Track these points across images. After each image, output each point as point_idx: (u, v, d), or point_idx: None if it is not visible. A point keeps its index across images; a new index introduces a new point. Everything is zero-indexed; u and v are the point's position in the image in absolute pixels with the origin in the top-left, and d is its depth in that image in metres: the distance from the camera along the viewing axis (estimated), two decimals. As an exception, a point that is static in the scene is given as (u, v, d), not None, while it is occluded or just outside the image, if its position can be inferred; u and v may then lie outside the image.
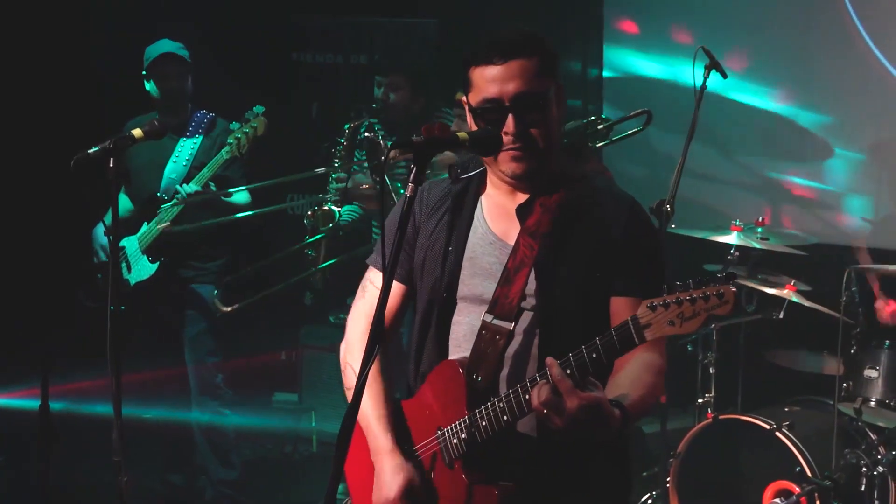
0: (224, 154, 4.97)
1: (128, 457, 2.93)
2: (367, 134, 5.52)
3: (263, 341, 6.80)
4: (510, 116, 2.43)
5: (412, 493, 2.50)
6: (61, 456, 3.41)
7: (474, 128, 2.49)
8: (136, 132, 3.19)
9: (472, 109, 2.50)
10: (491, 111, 2.45)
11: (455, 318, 2.56)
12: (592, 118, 5.30)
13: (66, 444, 3.41)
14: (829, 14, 6.41)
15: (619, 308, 2.46)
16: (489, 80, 2.45)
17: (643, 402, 2.35)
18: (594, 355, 2.20)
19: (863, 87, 6.39)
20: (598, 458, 2.51)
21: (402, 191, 4.86)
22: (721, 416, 4.92)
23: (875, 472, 4.53)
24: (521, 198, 2.56)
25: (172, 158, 5.22)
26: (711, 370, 5.16)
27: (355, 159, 5.70)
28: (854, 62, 6.39)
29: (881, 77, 6.27)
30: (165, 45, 5.24)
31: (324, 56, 7.57)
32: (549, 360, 2.21)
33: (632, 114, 5.10)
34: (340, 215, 5.59)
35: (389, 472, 2.52)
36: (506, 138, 2.45)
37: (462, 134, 2.42)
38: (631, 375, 2.36)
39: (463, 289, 2.56)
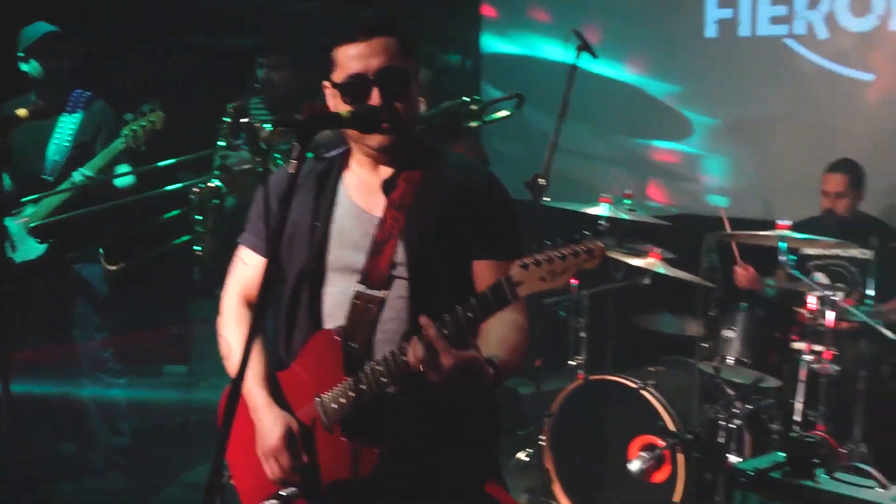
0: (119, 145, 4.89)
1: (18, 430, 2.90)
2: (244, 120, 5.46)
3: (152, 316, 6.74)
4: (375, 90, 2.48)
5: (293, 441, 2.52)
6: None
7: (338, 107, 2.53)
8: (21, 112, 3.12)
9: (336, 86, 2.54)
10: (356, 86, 2.49)
11: (326, 290, 2.58)
12: (466, 99, 5.35)
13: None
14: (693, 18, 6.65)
15: (482, 271, 2.53)
16: (353, 57, 2.49)
17: (512, 360, 2.41)
18: (469, 314, 2.23)
19: (723, 72, 6.64)
20: (469, 418, 2.59)
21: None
22: (592, 377, 5.04)
23: (732, 425, 4.68)
24: (386, 173, 2.61)
25: (54, 139, 5.10)
26: (582, 334, 5.27)
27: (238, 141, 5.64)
28: (718, 49, 6.63)
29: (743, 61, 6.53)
30: (46, 26, 5.13)
31: (210, 38, 7.48)
32: (424, 319, 2.24)
33: (504, 96, 5.17)
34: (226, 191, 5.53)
35: (269, 423, 2.53)
36: None
37: (343, 112, 2.46)
38: (498, 335, 2.42)
39: (332, 261, 2.58)
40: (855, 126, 6.08)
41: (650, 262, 5.01)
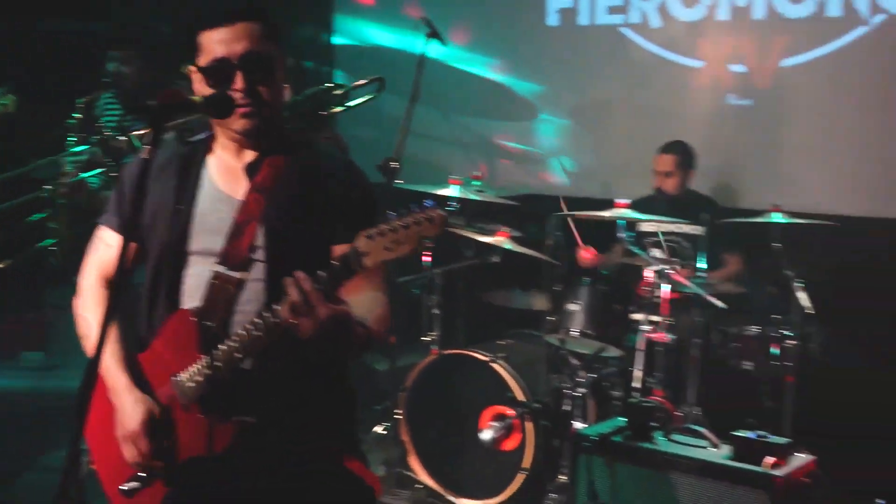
0: None
1: None
2: (113, 140, 5.30)
3: (9, 303, 6.52)
4: (238, 74, 2.46)
5: (153, 425, 2.48)
6: None
7: (204, 92, 2.50)
8: None
9: (201, 70, 2.51)
10: (220, 70, 2.47)
11: (187, 272, 2.55)
12: (329, 85, 5.34)
13: None
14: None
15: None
16: (217, 42, 2.47)
17: (378, 330, 2.42)
18: (318, 286, 2.23)
19: (564, 59, 6.78)
20: (326, 391, 2.60)
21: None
22: (444, 352, 5.10)
23: (577, 394, 4.79)
24: (250, 157, 2.58)
25: None
26: (435, 311, 5.31)
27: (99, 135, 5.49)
28: (559, 37, 6.77)
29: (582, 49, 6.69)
30: None
31: (61, 23, 7.23)
32: (299, 273, 2.23)
33: (366, 80, 5.17)
34: (91, 184, 5.39)
35: (130, 406, 2.49)
36: (235, 95, 2.47)
37: (196, 97, 2.43)
38: (364, 308, 2.42)
39: (193, 244, 2.55)
40: (686, 109, 6.29)
41: (498, 240, 5.08)
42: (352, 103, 5.12)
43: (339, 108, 5.15)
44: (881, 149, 5.63)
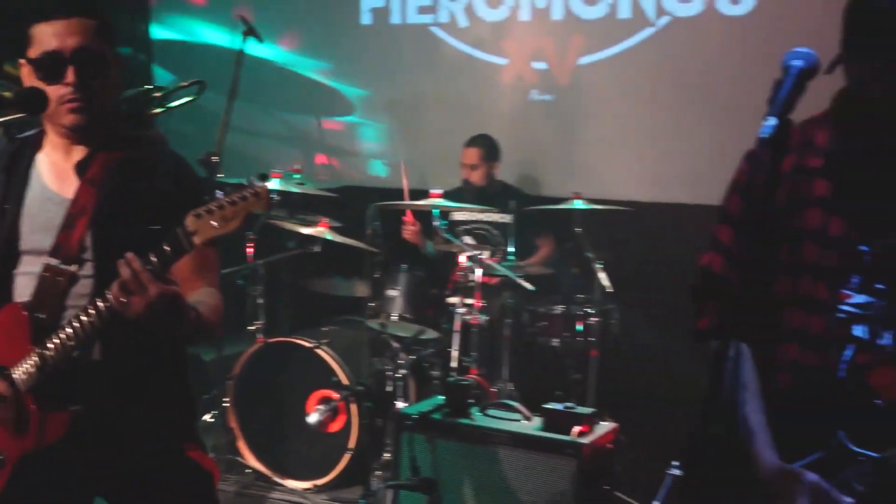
0: None
1: None
2: None
3: None
4: (70, 68, 2.37)
5: None
6: None
7: (34, 85, 2.40)
8: None
9: (31, 62, 2.40)
10: (51, 63, 2.37)
11: (18, 270, 2.46)
12: (150, 87, 5.18)
13: None
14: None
15: None
16: (51, 35, 2.37)
17: (210, 318, 2.37)
18: (148, 266, 2.18)
19: (380, 57, 6.79)
20: (161, 378, 2.54)
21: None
22: (270, 340, 5.06)
23: (398, 375, 4.83)
24: (80, 154, 2.49)
25: None
26: (260, 301, 5.26)
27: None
28: (373, 36, 6.77)
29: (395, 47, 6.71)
30: None
31: None
32: (129, 254, 2.17)
33: (186, 83, 5.04)
34: None
35: None
36: (66, 90, 2.37)
37: (6, 93, 2.33)
38: (199, 296, 2.39)
39: (24, 243, 2.45)
40: (492, 105, 6.40)
41: (320, 230, 5.06)
42: (172, 104, 4.99)
43: (159, 110, 5.01)
44: (669, 140, 5.87)
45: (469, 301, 4.91)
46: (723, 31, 5.73)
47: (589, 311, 5.14)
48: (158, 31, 7.47)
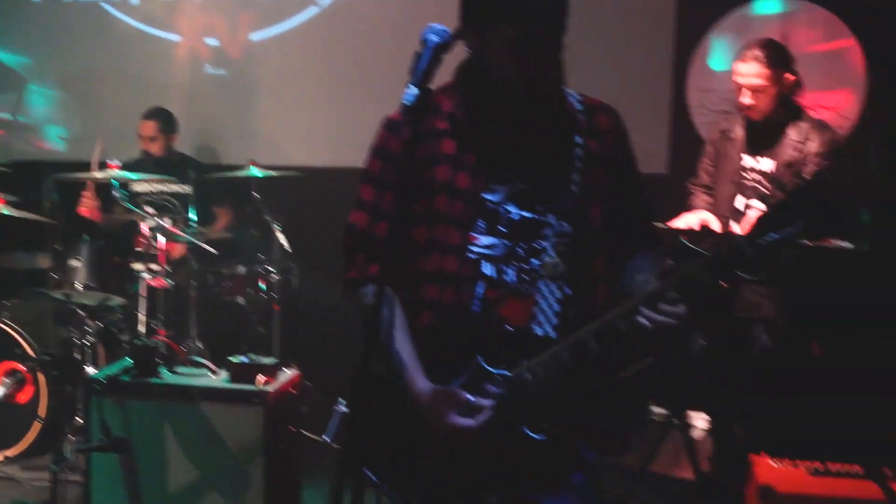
0: None
1: None
2: None
3: None
4: None
5: None
6: None
7: None
8: None
9: None
10: None
11: None
12: None
13: None
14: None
15: None
16: None
17: None
18: None
19: (51, 33, 6.36)
20: None
21: None
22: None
23: (87, 342, 4.64)
24: None
25: None
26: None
27: None
28: (44, 13, 6.32)
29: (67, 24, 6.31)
30: None
31: None
32: None
33: None
34: None
35: None
36: None
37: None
38: None
39: None
40: (168, 79, 6.18)
41: (-6, 206, 4.73)
42: None
43: None
44: (336, 110, 5.96)
45: (154, 267, 4.78)
46: (378, 9, 5.88)
47: (270, 269, 5.15)
48: None
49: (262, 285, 5.16)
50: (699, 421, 5.31)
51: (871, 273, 3.68)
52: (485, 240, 2.10)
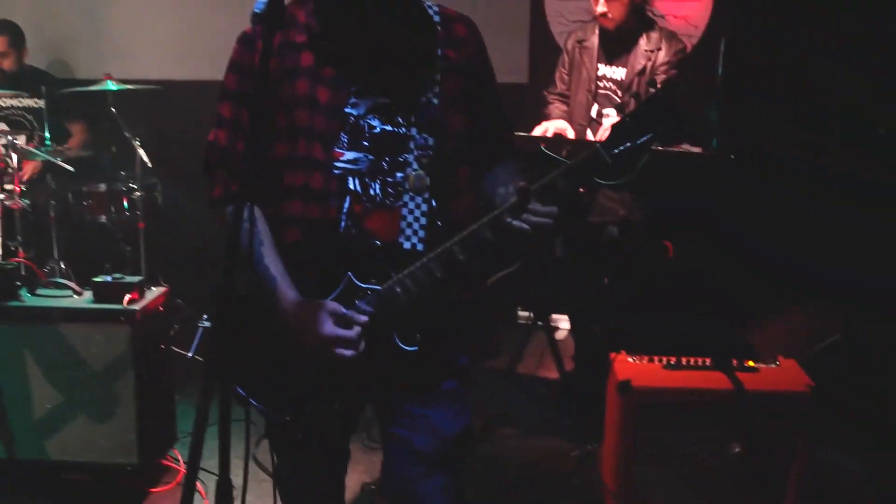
0: None
1: None
2: None
3: None
4: None
5: None
6: None
7: None
8: None
9: None
10: None
11: None
12: None
13: None
14: None
15: None
16: None
17: None
18: None
19: None
20: None
21: None
22: None
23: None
24: None
25: None
26: None
27: None
28: None
29: None
30: None
31: None
32: None
33: None
34: None
35: None
36: None
37: None
38: None
39: None
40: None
41: None
42: None
43: None
44: (196, 21, 5.67)
45: (8, 187, 4.47)
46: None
47: (132, 186, 4.90)
48: None
49: (125, 203, 4.91)
50: (562, 323, 5.44)
51: (717, 178, 3.76)
52: (349, 154, 2.02)
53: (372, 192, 2.02)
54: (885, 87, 4.41)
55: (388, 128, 2.03)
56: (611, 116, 4.10)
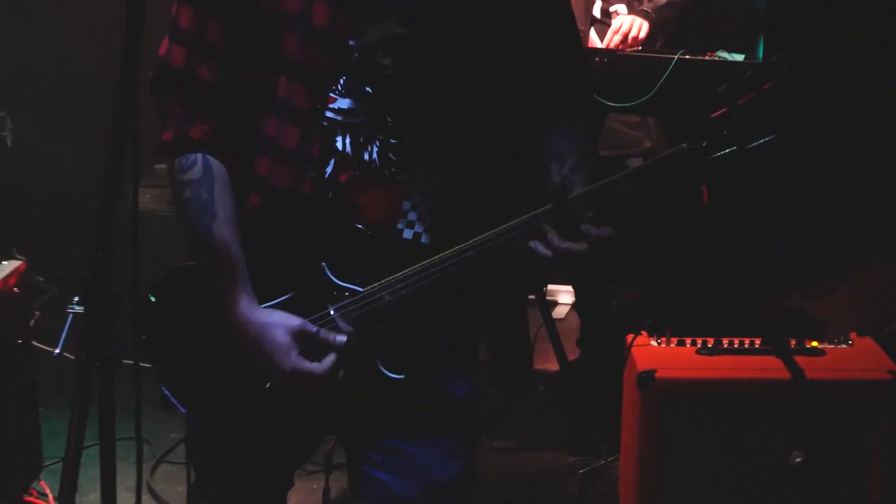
0: None
1: None
2: None
3: None
4: None
5: None
6: None
7: None
8: None
9: None
10: None
11: None
12: None
13: None
14: None
15: None
16: None
17: None
18: None
19: None
20: None
21: None
22: None
23: None
24: None
25: None
26: None
27: None
28: None
29: None
30: None
31: None
32: None
33: None
34: None
35: None
36: None
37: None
38: None
39: None
40: None
41: None
42: None
43: None
44: None
45: None
46: None
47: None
48: None
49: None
50: (562, 296, 5.47)
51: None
52: (343, 102, 1.94)
53: (367, 156, 1.95)
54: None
55: (405, 70, 1.94)
56: (621, 14, 4.12)
